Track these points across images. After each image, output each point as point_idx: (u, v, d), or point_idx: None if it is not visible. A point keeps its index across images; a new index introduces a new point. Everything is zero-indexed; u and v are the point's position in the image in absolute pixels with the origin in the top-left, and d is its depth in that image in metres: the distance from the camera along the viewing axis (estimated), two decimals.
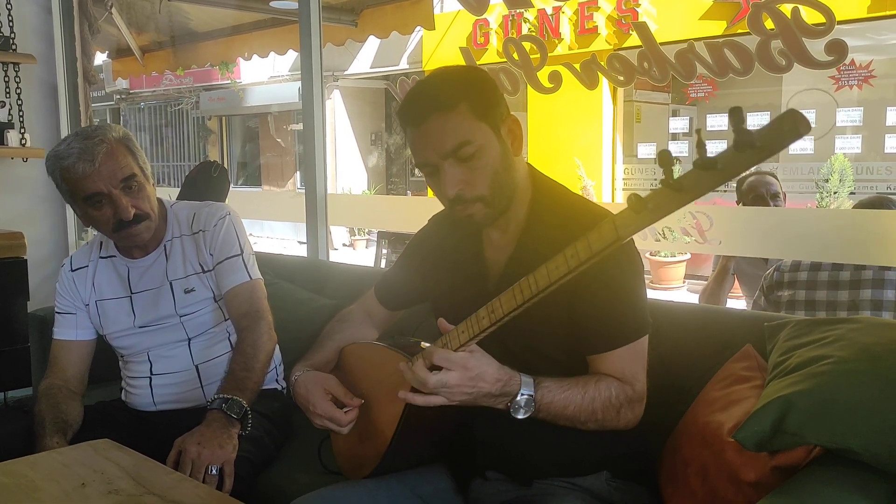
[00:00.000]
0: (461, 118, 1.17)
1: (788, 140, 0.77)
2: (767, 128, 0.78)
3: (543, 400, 1.15)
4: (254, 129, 14.09)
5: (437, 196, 1.26)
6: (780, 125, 0.77)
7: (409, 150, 1.25)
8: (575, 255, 0.98)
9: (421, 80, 1.27)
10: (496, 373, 1.12)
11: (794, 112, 0.77)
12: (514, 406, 1.14)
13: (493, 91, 1.24)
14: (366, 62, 10.89)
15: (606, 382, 1.20)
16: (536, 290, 1.03)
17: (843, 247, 1.85)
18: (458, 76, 1.24)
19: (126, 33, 4.32)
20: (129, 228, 1.65)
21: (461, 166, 1.18)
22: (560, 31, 7.59)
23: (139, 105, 15.16)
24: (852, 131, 7.03)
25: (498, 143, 1.21)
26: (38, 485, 1.23)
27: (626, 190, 8.49)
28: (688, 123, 8.52)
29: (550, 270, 1.02)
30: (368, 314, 1.56)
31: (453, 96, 1.18)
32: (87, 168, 1.57)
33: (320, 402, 1.33)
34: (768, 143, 0.78)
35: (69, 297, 1.79)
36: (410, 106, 1.22)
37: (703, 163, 0.82)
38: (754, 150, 0.79)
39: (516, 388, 1.13)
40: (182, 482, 1.25)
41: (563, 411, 1.16)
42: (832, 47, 1.66)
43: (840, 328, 1.23)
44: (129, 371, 1.80)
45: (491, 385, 1.12)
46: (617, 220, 0.93)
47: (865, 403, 1.06)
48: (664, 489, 1.32)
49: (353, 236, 11.17)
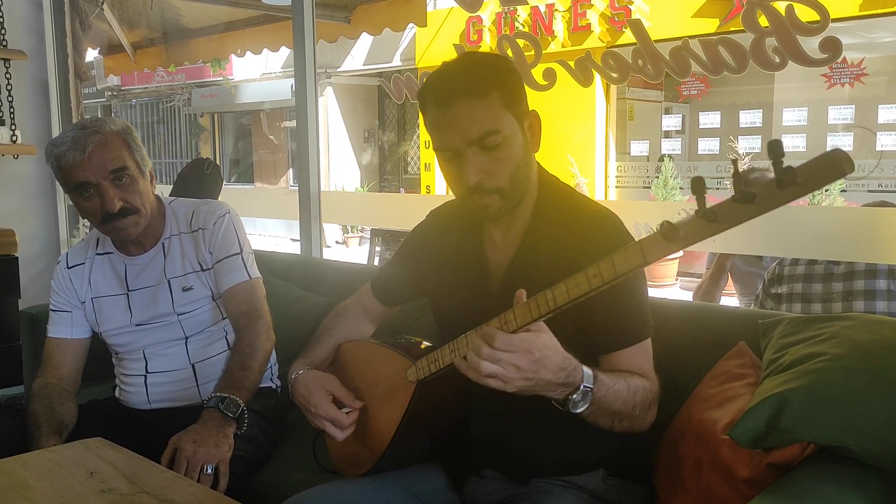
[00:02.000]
0: (491, 106, 1.15)
1: (830, 179, 0.76)
2: (811, 165, 0.77)
3: (598, 394, 1.08)
4: (246, 126, 14.04)
5: (451, 183, 1.22)
6: (824, 163, 0.76)
7: (429, 130, 1.21)
8: (598, 274, 0.95)
9: (449, 62, 1.23)
10: (561, 361, 1.03)
11: (839, 151, 0.76)
12: (572, 400, 1.06)
13: (521, 83, 1.22)
14: (359, 59, 10.87)
15: (641, 379, 1.16)
16: (554, 306, 0.99)
17: (837, 244, 1.85)
18: (490, 63, 1.21)
19: (117, 29, 4.29)
20: (116, 221, 1.63)
21: (485, 155, 1.16)
22: (553, 28, 7.60)
23: (131, 102, 15.08)
24: (844, 129, 7.06)
25: (521, 137, 1.19)
26: (30, 484, 1.22)
27: (619, 187, 8.51)
28: (680, 121, 8.55)
29: (570, 288, 0.97)
30: (364, 309, 1.54)
31: (485, 83, 1.15)
32: (76, 157, 1.57)
33: (322, 403, 1.31)
34: (810, 181, 0.77)
35: (64, 294, 1.77)
36: (438, 86, 1.18)
37: (741, 196, 0.80)
38: (796, 186, 0.77)
39: (579, 380, 1.05)
40: (176, 481, 1.24)
41: (610, 406, 1.11)
42: (826, 45, 1.66)
43: (834, 325, 1.24)
44: (123, 369, 1.79)
45: (554, 374, 1.03)
46: (644, 245, 0.91)
47: (860, 400, 1.07)
48: (659, 486, 1.33)
49: (346, 234, 11.15)
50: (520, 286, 1.23)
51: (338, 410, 1.31)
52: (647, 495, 1.33)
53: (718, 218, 0.82)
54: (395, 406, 1.26)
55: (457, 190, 1.22)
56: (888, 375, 1.09)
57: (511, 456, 1.28)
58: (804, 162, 0.78)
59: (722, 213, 0.82)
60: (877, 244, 1.81)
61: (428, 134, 1.21)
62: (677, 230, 0.86)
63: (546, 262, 1.21)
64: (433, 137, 1.20)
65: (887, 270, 2.08)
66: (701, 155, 8.01)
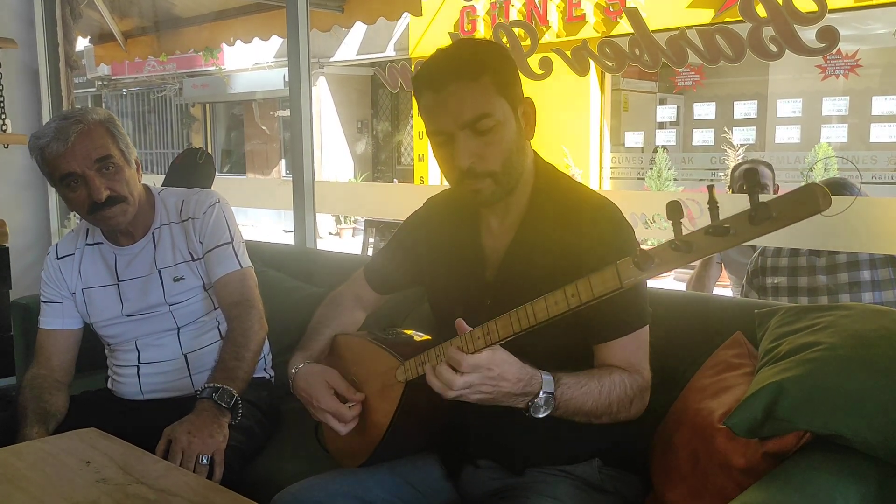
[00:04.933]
0: (483, 90, 1.15)
1: (806, 213, 0.77)
2: (786, 199, 0.78)
3: (563, 397, 1.11)
4: (238, 116, 13.97)
5: (444, 169, 1.22)
6: (800, 197, 0.77)
7: (422, 116, 1.21)
8: (575, 294, 0.97)
9: (443, 47, 1.23)
10: (518, 372, 1.07)
11: (816, 186, 0.76)
12: (533, 405, 1.09)
13: (515, 69, 1.22)
14: (352, 49, 10.82)
15: (619, 375, 1.18)
16: (534, 321, 1.02)
17: (830, 234, 1.86)
18: (483, 48, 1.22)
19: (108, 18, 4.24)
20: (103, 211, 1.62)
21: (477, 139, 1.16)
22: (548, 18, 7.58)
23: (121, 91, 14.97)
24: (838, 120, 7.08)
25: (514, 123, 1.19)
26: (23, 473, 1.21)
27: (613, 179, 8.51)
28: (675, 112, 8.55)
29: (549, 305, 1.00)
30: (358, 297, 1.53)
31: (478, 67, 1.15)
32: (60, 147, 1.55)
33: (324, 396, 1.30)
34: (785, 215, 0.78)
35: (55, 285, 1.76)
36: (431, 71, 1.19)
37: (714, 230, 0.82)
38: (770, 221, 0.78)
39: (537, 387, 1.09)
40: (171, 471, 1.23)
41: (581, 407, 1.13)
42: (824, 34, 1.66)
43: (831, 315, 1.24)
44: (115, 360, 1.78)
45: (512, 384, 1.07)
46: (621, 269, 0.93)
47: (856, 389, 1.07)
48: (655, 476, 1.33)
49: (340, 224, 11.12)
50: (515, 274, 1.24)
51: (340, 404, 1.30)
52: (643, 485, 1.33)
53: (692, 248, 0.85)
54: (387, 403, 1.26)
55: (449, 175, 1.22)
56: (884, 365, 1.09)
57: (506, 447, 1.28)
58: (780, 195, 0.79)
59: (695, 243, 0.85)
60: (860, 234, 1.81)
61: (422, 120, 1.21)
62: (651, 259, 0.89)
63: (542, 250, 1.21)
64: (426, 122, 1.20)
65: (869, 261, 2.09)
66: (695, 146, 8.02)
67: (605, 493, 1.26)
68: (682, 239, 0.85)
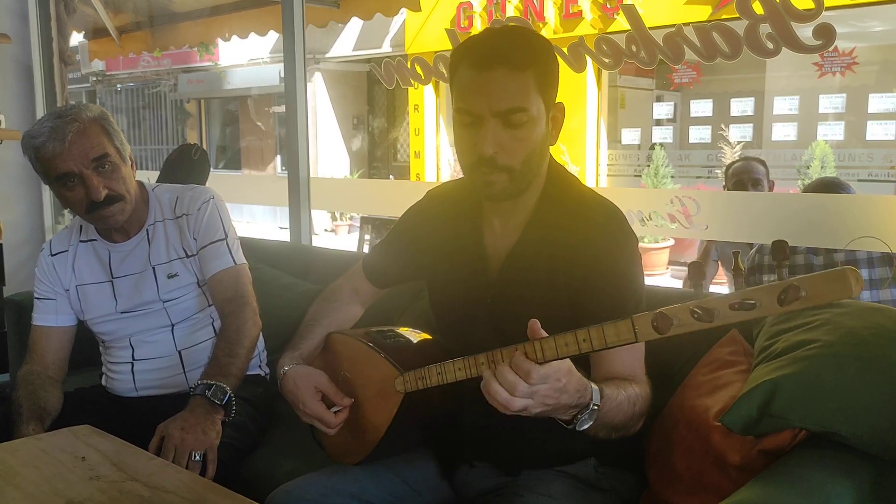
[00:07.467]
0: (525, 83, 1.12)
1: (836, 297, 0.76)
2: (817, 279, 0.77)
3: (604, 409, 1.04)
4: (233, 112, 13.92)
5: (462, 149, 1.18)
6: (832, 280, 0.76)
7: (454, 91, 1.16)
8: (587, 340, 0.93)
9: (495, 28, 1.20)
10: (577, 383, 1.00)
11: (850, 271, 0.75)
12: (580, 418, 1.03)
13: (557, 71, 1.19)
14: (348, 45, 10.78)
15: (635, 386, 1.13)
16: (542, 359, 0.97)
17: (826, 231, 1.86)
18: (536, 41, 1.17)
19: (103, 13, 4.23)
20: (102, 210, 1.61)
21: (506, 131, 1.13)
22: (544, 14, 7.57)
23: (116, 87, 14.90)
24: (835, 118, 7.09)
25: (544, 124, 1.17)
26: (17, 471, 1.21)
27: (610, 176, 8.51)
28: (672, 109, 8.55)
29: (559, 346, 0.95)
30: (356, 291, 1.51)
31: (526, 58, 1.12)
32: (56, 147, 1.54)
33: (310, 401, 1.28)
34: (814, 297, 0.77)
35: (48, 282, 1.75)
36: (479, 48, 1.14)
37: (740, 305, 0.82)
38: (798, 301, 0.78)
39: (588, 399, 1.03)
40: (164, 468, 1.23)
41: (612, 420, 1.08)
42: (820, 31, 1.66)
43: (826, 312, 1.23)
44: (110, 356, 1.77)
45: (570, 396, 1.00)
46: (638, 326, 0.89)
47: (851, 387, 1.07)
48: (650, 473, 1.33)
49: (335, 221, 11.10)
50: (518, 275, 1.23)
51: (326, 410, 1.28)
52: (639, 482, 1.33)
53: (714, 318, 0.84)
54: (383, 410, 1.25)
55: (466, 158, 1.18)
56: (880, 362, 1.09)
57: (503, 449, 1.28)
58: (812, 275, 0.78)
59: (718, 312, 0.84)
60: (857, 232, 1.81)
61: (452, 94, 1.17)
62: (670, 322, 0.87)
63: (546, 255, 1.20)
64: (458, 98, 1.16)
65: (867, 260, 2.09)
66: (692, 143, 8.03)
67: (600, 490, 1.26)
68: (703, 307, 0.84)
